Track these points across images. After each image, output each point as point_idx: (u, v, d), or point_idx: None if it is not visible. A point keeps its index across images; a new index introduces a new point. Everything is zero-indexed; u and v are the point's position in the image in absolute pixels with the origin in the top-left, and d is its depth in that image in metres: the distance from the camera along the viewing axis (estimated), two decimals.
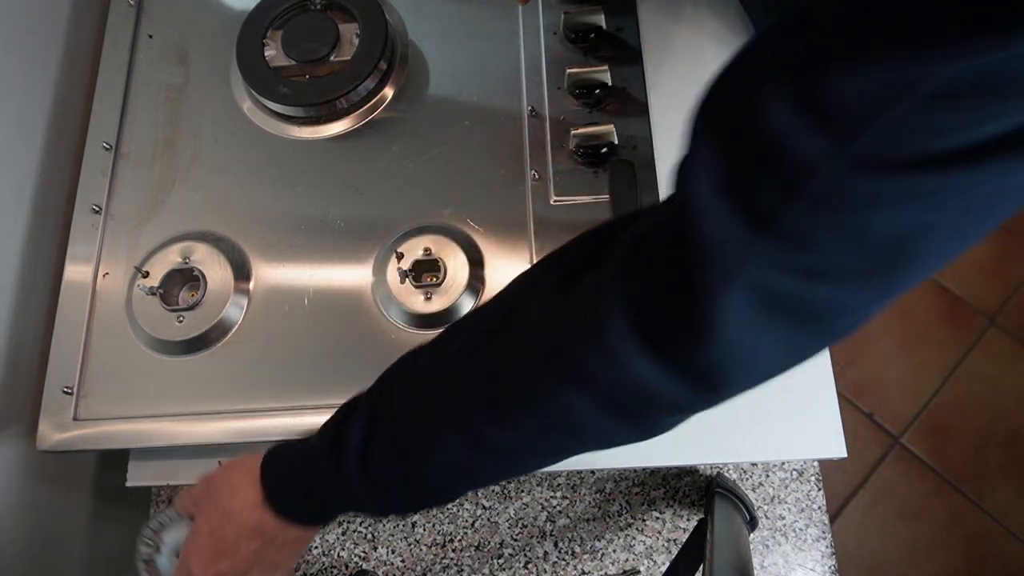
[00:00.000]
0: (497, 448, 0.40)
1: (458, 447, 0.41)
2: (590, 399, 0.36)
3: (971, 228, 0.31)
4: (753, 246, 0.31)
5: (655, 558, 0.68)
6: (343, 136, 0.71)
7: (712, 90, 0.34)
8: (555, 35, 0.72)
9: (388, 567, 0.70)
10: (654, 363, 0.34)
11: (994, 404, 1.56)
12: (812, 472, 0.69)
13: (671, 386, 0.35)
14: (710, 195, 0.31)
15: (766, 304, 0.32)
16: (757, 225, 0.30)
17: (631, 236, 0.38)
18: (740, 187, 0.31)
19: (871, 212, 0.29)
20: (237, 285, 0.66)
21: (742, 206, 0.31)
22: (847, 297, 0.32)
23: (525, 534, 0.69)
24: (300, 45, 0.72)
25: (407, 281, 0.64)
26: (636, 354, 0.34)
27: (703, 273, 0.32)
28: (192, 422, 0.63)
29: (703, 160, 0.32)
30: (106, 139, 0.73)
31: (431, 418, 0.41)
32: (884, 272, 0.31)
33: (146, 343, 0.66)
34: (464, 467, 0.42)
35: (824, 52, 0.28)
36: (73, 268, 0.68)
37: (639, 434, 0.39)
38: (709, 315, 0.32)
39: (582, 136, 0.66)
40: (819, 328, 0.33)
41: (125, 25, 0.77)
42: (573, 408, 0.37)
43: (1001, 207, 0.30)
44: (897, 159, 0.28)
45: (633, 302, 0.35)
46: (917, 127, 0.27)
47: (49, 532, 0.70)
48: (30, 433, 0.66)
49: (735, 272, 0.31)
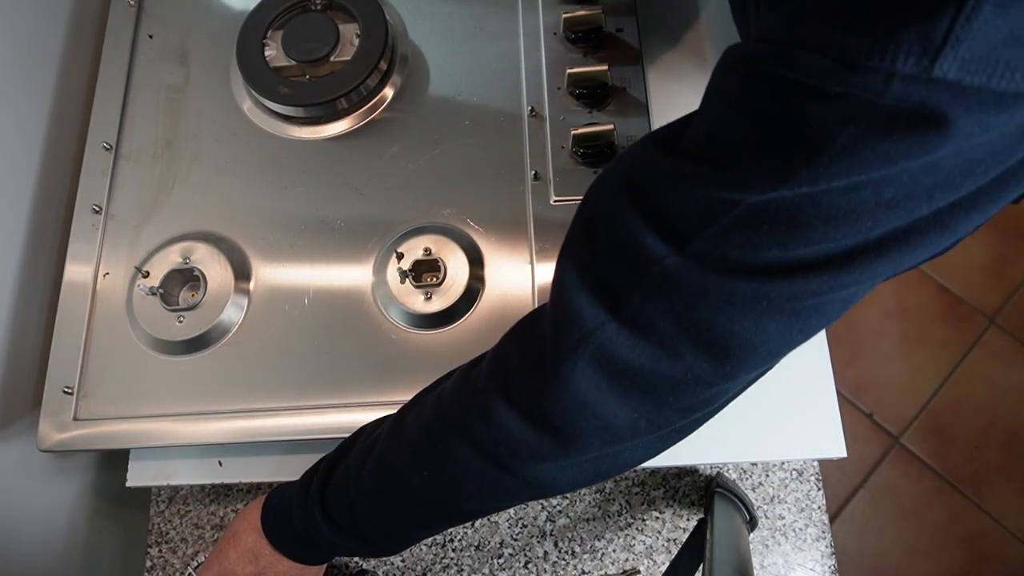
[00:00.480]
0: (414, 492, 0.46)
1: (381, 488, 0.47)
2: (473, 449, 0.42)
3: (798, 330, 0.35)
4: (602, 324, 0.36)
5: (655, 558, 0.68)
6: (343, 136, 0.71)
7: (593, 186, 0.40)
8: (555, 35, 0.72)
9: (388, 567, 0.70)
10: (519, 417, 0.40)
11: (994, 404, 1.56)
12: (812, 472, 0.69)
13: (534, 438, 0.40)
14: (573, 278, 0.38)
15: (610, 373, 0.37)
16: (607, 307, 0.36)
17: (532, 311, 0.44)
18: (597, 274, 0.37)
19: (701, 306, 0.34)
20: (237, 285, 0.66)
21: (597, 290, 0.37)
22: (680, 377, 0.36)
23: (525, 534, 0.69)
24: (300, 45, 0.72)
25: (407, 281, 0.64)
26: (505, 409, 0.40)
27: (560, 343, 0.38)
28: (192, 422, 0.63)
29: (573, 247, 0.39)
30: (106, 139, 0.73)
31: (372, 466, 0.47)
32: (715, 361, 0.36)
33: (146, 343, 0.66)
34: (394, 510, 0.48)
35: (674, 172, 0.34)
36: (73, 268, 0.69)
37: (521, 485, 0.43)
38: (561, 379, 0.37)
39: (582, 136, 0.66)
40: (659, 400, 0.38)
41: (125, 25, 0.77)
42: (459, 456, 0.43)
43: (827, 313, 0.35)
44: (722, 264, 0.33)
45: (507, 365, 0.42)
46: (735, 241, 0.32)
47: (49, 532, 0.70)
48: (30, 433, 0.66)
49: (586, 343, 0.36)
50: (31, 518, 0.68)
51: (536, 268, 0.64)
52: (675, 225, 0.34)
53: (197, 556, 0.70)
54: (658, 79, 0.73)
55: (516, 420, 0.40)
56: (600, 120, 0.68)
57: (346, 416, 0.61)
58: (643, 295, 0.35)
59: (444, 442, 0.44)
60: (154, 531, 0.72)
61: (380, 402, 0.62)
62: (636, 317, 0.35)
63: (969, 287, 1.65)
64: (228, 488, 0.73)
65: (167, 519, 0.72)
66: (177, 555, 0.71)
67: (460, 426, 0.43)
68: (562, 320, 0.38)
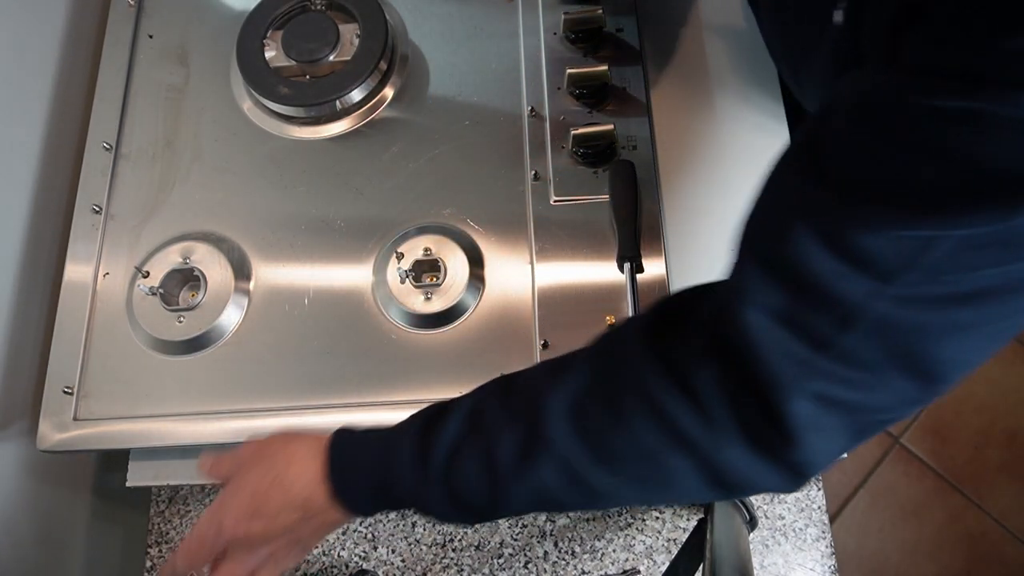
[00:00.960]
0: (591, 488, 0.43)
1: (551, 478, 0.43)
2: (694, 465, 0.41)
3: (996, 344, 0.36)
4: (811, 365, 0.37)
5: (655, 558, 0.68)
6: (343, 136, 0.71)
7: (750, 222, 0.40)
8: (555, 35, 0.72)
9: (388, 567, 0.70)
10: (748, 452, 0.40)
11: (994, 404, 1.56)
12: None
13: (769, 476, 0.40)
14: (770, 325, 0.37)
15: (826, 408, 0.37)
16: (815, 349, 0.36)
17: (713, 342, 0.41)
18: (796, 320, 0.37)
19: (914, 340, 0.35)
20: (237, 285, 0.66)
21: (802, 334, 0.37)
22: (891, 403, 0.38)
23: (525, 534, 0.69)
24: (300, 45, 0.72)
25: (407, 281, 0.64)
26: (735, 441, 0.40)
27: (774, 391, 0.38)
28: (192, 422, 0.63)
29: (757, 291, 0.38)
30: (106, 139, 0.73)
31: (530, 448, 0.43)
32: (925, 382, 0.37)
33: (146, 343, 0.66)
34: (551, 496, 0.44)
35: (848, 212, 0.34)
36: (73, 268, 0.68)
37: (724, 495, 0.44)
38: (789, 424, 0.38)
39: (582, 136, 0.66)
40: (869, 419, 0.39)
41: (125, 25, 0.77)
42: (676, 470, 0.41)
43: (1021, 325, 0.36)
44: (933, 296, 0.34)
45: (731, 402, 0.40)
46: (941, 273, 0.33)
47: (49, 532, 0.70)
48: (30, 433, 0.66)
49: (799, 386, 0.37)
50: (31, 518, 0.68)
51: (536, 268, 0.64)
52: (877, 266, 0.34)
53: None
54: (658, 79, 0.73)
55: (749, 460, 0.40)
56: (600, 120, 0.68)
57: (346, 416, 0.61)
58: (851, 337, 0.35)
59: (655, 452, 0.41)
60: (154, 531, 0.72)
61: (380, 402, 0.62)
62: (848, 355, 0.36)
63: None
64: None
65: (167, 519, 0.72)
66: None
67: (679, 441, 0.40)
68: (768, 368, 0.38)
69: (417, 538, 0.70)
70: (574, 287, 0.64)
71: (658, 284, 0.63)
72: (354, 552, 0.70)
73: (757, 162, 0.70)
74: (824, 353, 0.36)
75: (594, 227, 0.65)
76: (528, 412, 0.44)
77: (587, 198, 0.66)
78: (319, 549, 0.70)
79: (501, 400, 0.46)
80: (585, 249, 0.65)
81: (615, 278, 0.63)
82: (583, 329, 0.62)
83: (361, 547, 0.70)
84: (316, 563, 0.70)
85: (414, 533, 0.70)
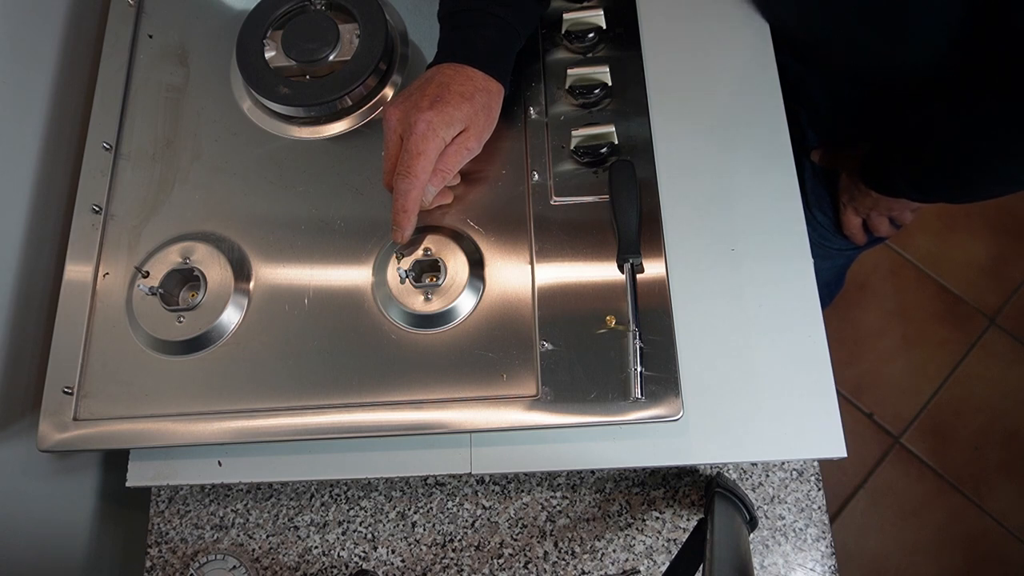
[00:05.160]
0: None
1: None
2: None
3: None
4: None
5: (655, 558, 0.68)
6: (343, 136, 0.71)
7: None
8: (555, 36, 0.72)
9: (388, 567, 0.70)
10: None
11: (994, 404, 1.56)
12: (812, 472, 0.69)
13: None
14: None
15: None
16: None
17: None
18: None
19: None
20: (237, 285, 0.66)
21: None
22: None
23: (525, 534, 0.69)
24: (300, 45, 0.72)
25: (407, 281, 0.64)
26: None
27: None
28: (192, 422, 0.63)
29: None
30: (106, 139, 0.73)
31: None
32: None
33: (146, 343, 0.66)
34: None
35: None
36: (73, 268, 0.69)
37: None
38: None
39: (582, 136, 0.66)
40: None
41: (125, 25, 0.77)
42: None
43: None
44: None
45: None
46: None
47: (49, 532, 0.70)
48: (30, 433, 0.66)
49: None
50: (31, 518, 0.68)
51: (536, 268, 0.64)
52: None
53: (197, 556, 0.70)
54: (658, 79, 0.73)
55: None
56: (600, 120, 0.68)
57: (346, 416, 0.61)
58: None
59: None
60: (154, 531, 0.72)
61: (380, 402, 0.62)
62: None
63: (969, 287, 1.65)
64: (228, 488, 0.73)
65: (167, 519, 0.72)
66: (177, 555, 0.71)
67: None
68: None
69: (417, 538, 0.70)
70: (574, 287, 0.64)
71: (658, 284, 0.63)
72: (354, 552, 0.70)
73: (758, 161, 0.70)
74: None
75: (594, 227, 0.65)
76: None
77: (587, 198, 0.66)
78: (319, 549, 0.70)
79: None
80: (585, 249, 0.65)
81: (615, 278, 0.63)
82: (583, 329, 0.62)
83: (361, 547, 0.70)
84: (316, 563, 0.70)
85: (414, 533, 0.70)
